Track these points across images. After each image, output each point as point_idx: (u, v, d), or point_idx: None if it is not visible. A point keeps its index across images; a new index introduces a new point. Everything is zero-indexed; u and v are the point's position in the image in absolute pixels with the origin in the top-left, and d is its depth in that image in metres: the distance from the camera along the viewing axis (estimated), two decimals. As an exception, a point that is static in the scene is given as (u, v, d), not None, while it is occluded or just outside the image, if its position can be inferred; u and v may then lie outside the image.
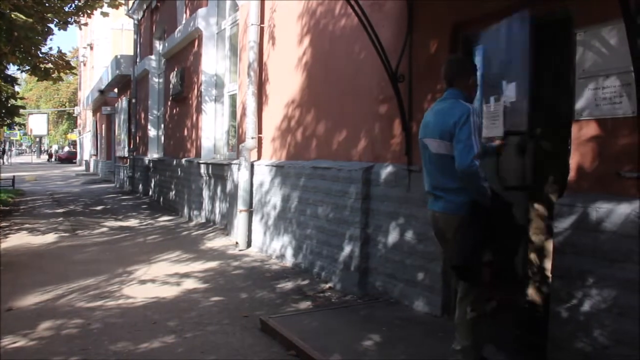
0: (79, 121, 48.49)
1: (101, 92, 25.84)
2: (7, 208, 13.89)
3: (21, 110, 17.58)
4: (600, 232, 3.23)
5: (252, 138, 8.19)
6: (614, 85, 3.27)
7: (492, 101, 4.18)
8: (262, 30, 8.22)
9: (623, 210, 3.12)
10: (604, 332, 3.19)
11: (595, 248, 3.25)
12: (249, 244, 8.22)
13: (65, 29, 12.01)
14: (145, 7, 17.50)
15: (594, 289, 3.25)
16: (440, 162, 3.44)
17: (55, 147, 71.47)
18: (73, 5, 11.16)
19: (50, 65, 11.85)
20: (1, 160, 46.97)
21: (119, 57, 20.45)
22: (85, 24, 13.09)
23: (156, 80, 16.31)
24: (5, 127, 22.99)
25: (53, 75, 12.06)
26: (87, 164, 37.52)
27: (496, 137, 3.99)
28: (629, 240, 3.07)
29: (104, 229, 10.45)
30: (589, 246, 3.29)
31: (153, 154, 16.31)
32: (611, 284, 3.16)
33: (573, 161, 3.52)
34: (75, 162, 50.33)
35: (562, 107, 3.74)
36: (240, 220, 8.24)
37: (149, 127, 16.49)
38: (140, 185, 17.61)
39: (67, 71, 12.61)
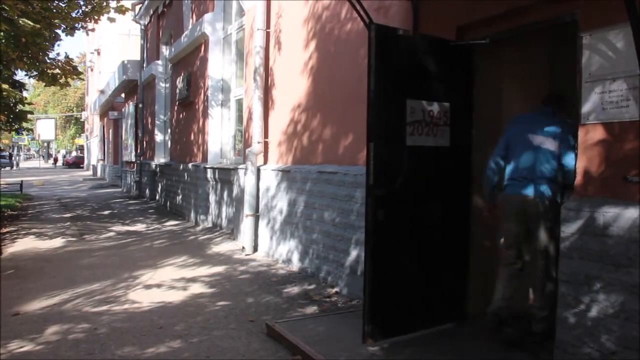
0: (86, 126, 48.76)
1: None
2: (15, 213, 13.95)
3: (29, 116, 17.68)
4: (607, 237, 3.21)
5: (259, 142, 8.20)
6: (621, 89, 3.26)
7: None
8: (268, 35, 8.24)
9: (630, 214, 3.10)
10: (611, 338, 3.17)
11: (602, 253, 3.23)
12: (255, 249, 8.23)
13: (72, 35, 12.08)
14: (151, 12, 17.58)
15: (601, 293, 3.23)
16: (545, 155, 4.11)
17: (63, 151, 71.92)
18: (80, 11, 11.22)
19: (57, 70, 11.89)
20: (11, 165, 47.49)
21: (125, 62, 20.54)
22: (92, 30, 13.14)
23: (163, 85, 16.36)
24: (13, 132, 23.12)
25: (60, 81, 12.11)
26: (95, 168, 37.69)
27: None
28: (635, 245, 3.05)
29: (111, 234, 10.48)
30: (595, 251, 3.27)
31: (160, 159, 16.36)
32: (618, 288, 3.14)
33: (579, 165, 3.51)
34: (82, 167, 50.59)
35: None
36: (246, 224, 8.24)
37: (156, 131, 16.54)
38: (147, 190, 17.66)
39: (74, 76, 12.65)
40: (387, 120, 4.20)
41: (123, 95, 24.02)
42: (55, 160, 64.89)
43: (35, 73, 12.02)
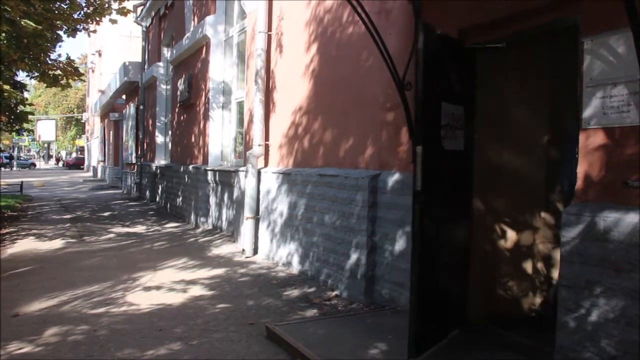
0: (87, 127, 48.78)
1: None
2: (15, 214, 13.95)
3: (30, 117, 17.70)
4: (607, 242, 3.21)
5: (259, 145, 8.21)
6: (622, 94, 3.26)
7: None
8: (269, 37, 8.25)
9: (630, 219, 3.10)
10: (611, 342, 3.17)
11: (602, 257, 3.23)
12: (255, 251, 8.22)
13: (74, 36, 12.11)
14: (153, 14, 17.61)
15: (602, 298, 3.23)
16: None
17: (63, 152, 72.13)
18: (82, 13, 11.23)
19: (58, 71, 11.92)
20: (11, 166, 47.55)
21: (127, 63, 20.56)
22: (94, 31, 13.16)
23: (164, 87, 16.38)
24: (14, 133, 23.15)
25: (61, 82, 12.13)
26: (95, 170, 37.70)
27: None
28: (636, 250, 3.05)
29: (111, 235, 10.48)
30: (596, 255, 3.27)
31: (160, 161, 16.37)
32: (619, 293, 3.14)
33: (580, 170, 3.50)
34: (82, 168, 50.62)
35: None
36: (246, 227, 8.24)
37: (157, 133, 16.55)
38: (148, 192, 17.66)
39: (76, 78, 12.67)
40: (430, 122, 4.11)
41: (124, 96, 24.05)
42: (57, 160, 65.37)
43: (36, 74, 12.04)
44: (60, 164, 63.47)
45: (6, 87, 12.73)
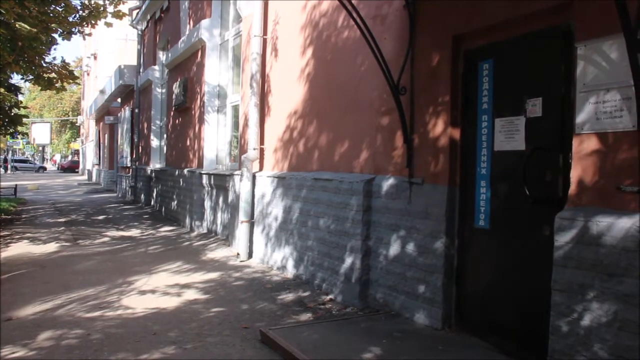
0: (82, 130, 48.72)
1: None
2: (9, 217, 13.90)
3: (24, 119, 17.69)
4: (600, 246, 3.22)
5: (254, 149, 8.21)
6: (615, 99, 3.28)
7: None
8: (265, 41, 8.26)
9: (623, 224, 3.12)
10: (604, 347, 3.18)
11: (595, 262, 3.25)
12: (250, 255, 8.21)
13: (69, 39, 12.08)
14: (149, 17, 17.61)
15: (594, 303, 3.24)
16: None
17: (58, 156, 72.20)
18: (77, 16, 11.22)
19: (53, 74, 11.91)
20: (5, 169, 47.41)
21: (122, 67, 20.55)
22: (89, 34, 13.17)
23: (159, 90, 16.37)
24: (8, 136, 23.11)
25: (56, 85, 12.11)
26: (90, 173, 37.63)
27: None
28: (629, 255, 3.06)
29: (106, 239, 10.45)
30: (589, 260, 3.28)
31: (155, 164, 16.34)
32: (611, 298, 3.15)
33: (574, 175, 3.52)
34: (77, 172, 50.52)
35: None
36: (241, 231, 8.23)
37: (152, 137, 16.53)
38: (142, 195, 17.63)
39: (71, 81, 12.67)
40: None
41: (119, 100, 24.02)
42: (54, 163, 66.01)
43: (31, 77, 12.03)
44: (56, 166, 63.72)
45: (1, 90, 12.72)
